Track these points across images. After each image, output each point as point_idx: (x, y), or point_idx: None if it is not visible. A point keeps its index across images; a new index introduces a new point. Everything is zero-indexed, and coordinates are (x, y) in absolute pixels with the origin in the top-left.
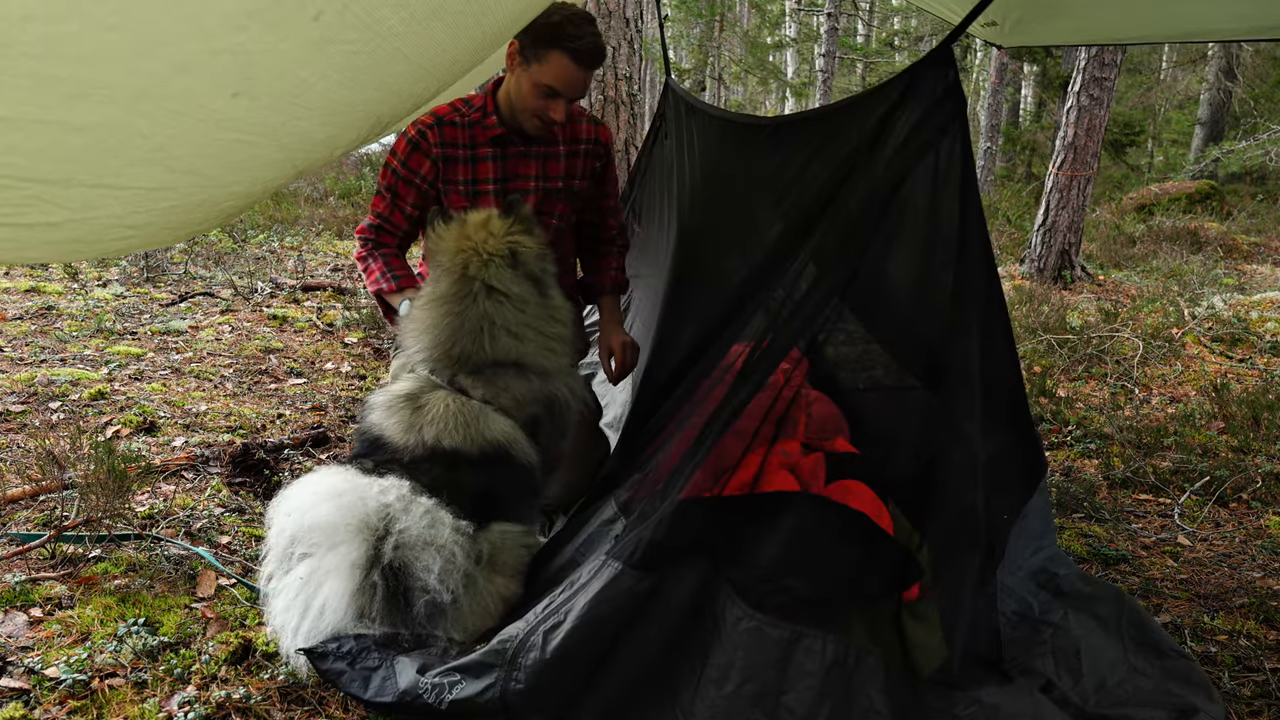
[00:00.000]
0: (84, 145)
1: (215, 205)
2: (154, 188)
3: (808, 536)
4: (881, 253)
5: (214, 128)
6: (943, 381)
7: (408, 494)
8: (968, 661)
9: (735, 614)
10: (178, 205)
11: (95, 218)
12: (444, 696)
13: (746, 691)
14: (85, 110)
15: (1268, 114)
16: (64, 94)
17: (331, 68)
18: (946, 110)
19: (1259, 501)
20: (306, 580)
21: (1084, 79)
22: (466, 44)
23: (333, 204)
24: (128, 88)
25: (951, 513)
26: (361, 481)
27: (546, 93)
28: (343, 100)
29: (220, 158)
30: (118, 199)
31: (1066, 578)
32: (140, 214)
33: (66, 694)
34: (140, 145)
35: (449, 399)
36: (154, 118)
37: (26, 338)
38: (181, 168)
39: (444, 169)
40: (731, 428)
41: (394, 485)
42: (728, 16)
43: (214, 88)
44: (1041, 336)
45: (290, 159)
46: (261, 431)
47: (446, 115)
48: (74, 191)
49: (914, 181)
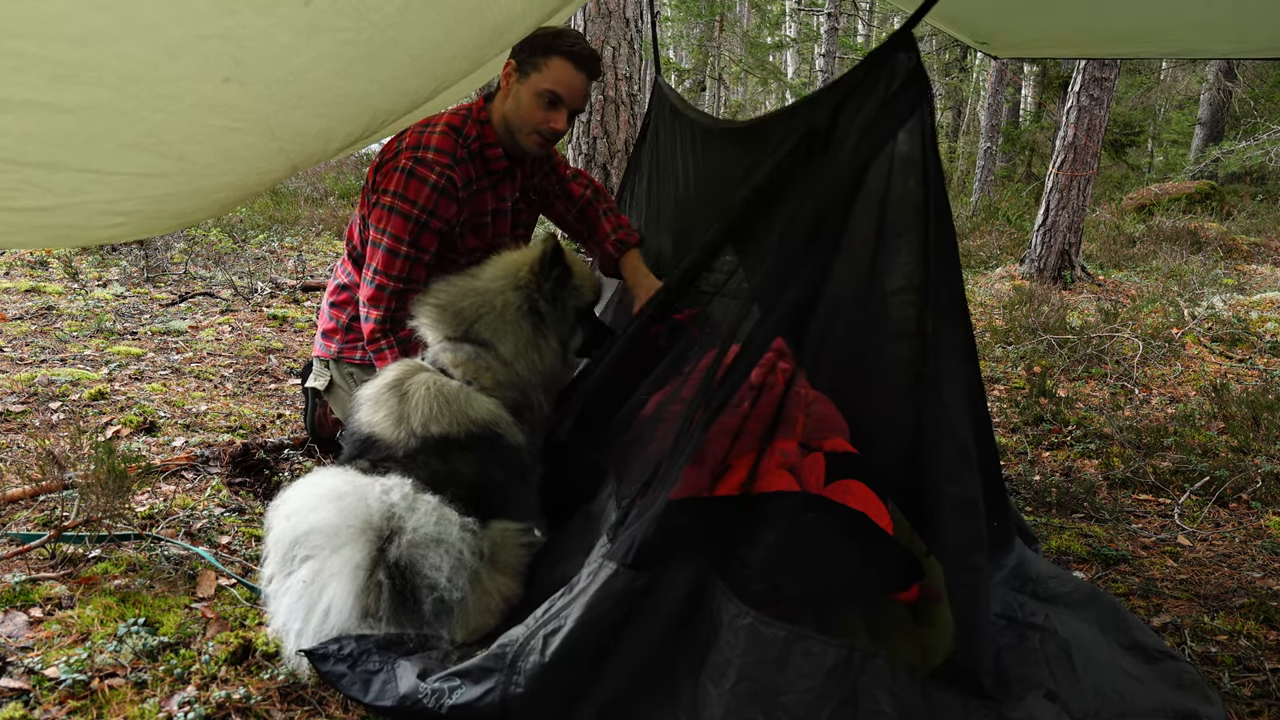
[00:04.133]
0: (73, 128)
1: (208, 195)
2: (145, 174)
3: (806, 536)
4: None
5: (205, 114)
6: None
7: (411, 492)
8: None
9: (732, 611)
10: (169, 193)
11: (85, 203)
12: (444, 701)
13: (743, 689)
14: (74, 92)
15: (1268, 114)
16: (52, 75)
17: (324, 55)
18: (908, 97)
19: (1259, 501)
20: (310, 583)
21: (1084, 79)
22: (464, 40)
23: (332, 204)
24: (117, 70)
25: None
26: (362, 482)
27: (548, 100)
28: (337, 91)
29: (211, 145)
30: (108, 184)
31: (1040, 578)
32: (131, 201)
33: (66, 694)
34: (130, 130)
35: (430, 381)
36: (144, 102)
37: (27, 338)
38: (172, 154)
39: (464, 208)
40: (717, 422)
41: (397, 484)
42: (728, 16)
43: (204, 73)
44: (1041, 336)
45: (283, 150)
46: (261, 431)
47: (455, 152)
48: (63, 176)
49: (874, 172)
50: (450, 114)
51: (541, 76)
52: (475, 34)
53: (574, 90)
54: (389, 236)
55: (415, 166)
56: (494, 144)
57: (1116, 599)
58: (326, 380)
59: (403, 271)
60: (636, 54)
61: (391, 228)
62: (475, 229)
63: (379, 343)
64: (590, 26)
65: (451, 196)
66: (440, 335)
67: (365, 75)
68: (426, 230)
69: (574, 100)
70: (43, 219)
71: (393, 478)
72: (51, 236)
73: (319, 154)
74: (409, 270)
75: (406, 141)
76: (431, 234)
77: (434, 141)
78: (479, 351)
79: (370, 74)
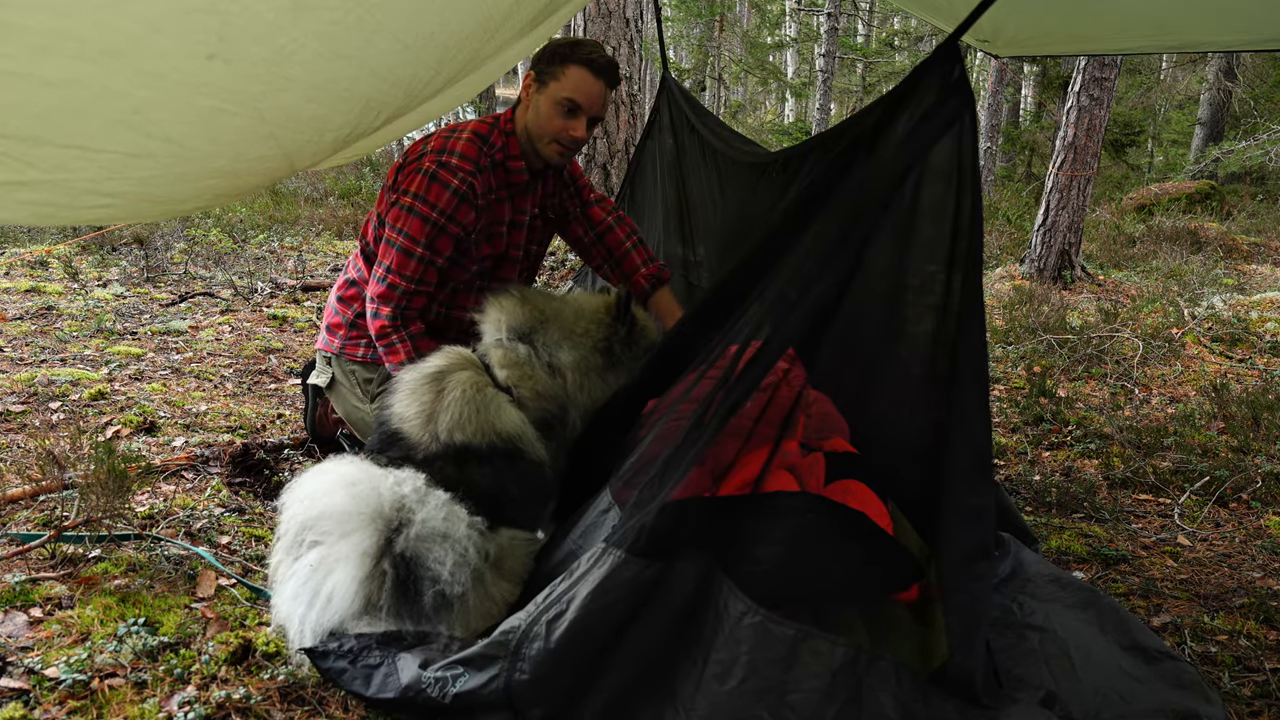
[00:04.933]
0: (55, 102)
1: (197, 181)
2: (130, 153)
3: (807, 536)
4: (881, 249)
5: (191, 92)
6: (952, 378)
7: (423, 486)
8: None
9: (739, 608)
10: (155, 175)
11: (68, 180)
12: (448, 690)
13: (750, 688)
14: (55, 65)
15: (1268, 114)
16: (32, 45)
17: (311, 35)
18: (950, 108)
19: (1259, 501)
20: (316, 567)
21: (1084, 79)
22: (458, 29)
23: (332, 204)
24: (98, 43)
25: (957, 517)
26: (376, 472)
27: (567, 109)
28: (326, 75)
29: (199, 126)
30: (93, 162)
31: (1039, 578)
32: (115, 180)
33: (66, 694)
34: (114, 106)
35: (469, 382)
36: (127, 77)
37: (26, 338)
38: (159, 134)
39: (482, 215)
40: (728, 426)
41: (409, 477)
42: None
43: (189, 48)
44: (1041, 336)
45: (274, 135)
46: (261, 431)
47: (479, 159)
48: (45, 150)
49: (913, 180)
50: (478, 122)
51: (560, 85)
52: (469, 26)
53: (592, 97)
54: (405, 237)
55: (438, 170)
56: (517, 156)
57: (1116, 599)
58: (329, 377)
59: (416, 272)
60: (636, 54)
61: (409, 228)
62: (490, 238)
63: (390, 337)
64: (590, 26)
65: (471, 203)
66: (498, 331)
67: (355, 59)
68: (443, 234)
69: (592, 108)
70: (23, 194)
71: (406, 470)
72: (34, 214)
73: (314, 144)
74: (422, 272)
75: (432, 145)
76: (448, 238)
77: (459, 147)
78: (531, 355)
79: (360, 58)
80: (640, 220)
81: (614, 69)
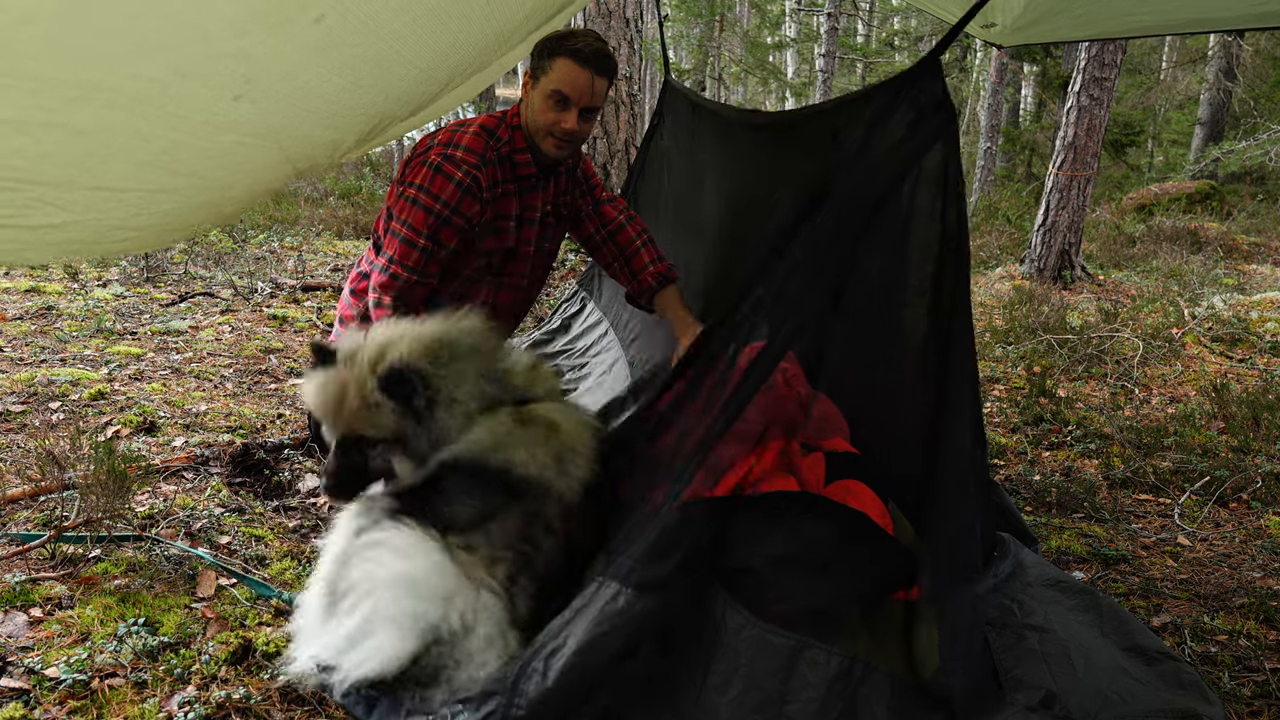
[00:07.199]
0: (87, 149)
1: (214, 207)
2: (155, 190)
3: (808, 537)
4: (881, 250)
5: (216, 131)
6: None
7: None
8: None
9: (737, 620)
10: (178, 207)
11: (97, 220)
12: None
13: (749, 700)
14: (88, 114)
15: (1268, 114)
16: (66, 97)
17: (334, 71)
18: (932, 125)
19: (1259, 501)
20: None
21: (1084, 79)
22: (470, 49)
23: (332, 204)
24: (129, 91)
25: (946, 533)
26: (451, 571)
27: (556, 102)
28: (345, 104)
29: (221, 160)
30: (120, 202)
31: (1038, 579)
32: (142, 216)
33: (66, 694)
34: (142, 149)
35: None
36: (156, 121)
37: (26, 338)
38: (183, 170)
39: (487, 208)
40: (730, 430)
41: (478, 600)
42: (728, 16)
43: (215, 92)
44: (1041, 336)
45: (289, 160)
46: (261, 431)
47: (485, 153)
48: (77, 194)
49: (897, 193)
50: (486, 116)
51: (549, 79)
52: (481, 42)
53: (580, 87)
54: (408, 228)
55: (443, 163)
56: (523, 150)
57: (1116, 599)
58: None
59: (418, 263)
60: (636, 54)
61: (412, 219)
62: (496, 232)
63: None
64: (590, 26)
65: (475, 196)
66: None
67: (374, 87)
68: (447, 225)
69: (582, 98)
70: (54, 236)
71: (485, 594)
72: (62, 252)
73: (326, 162)
74: (425, 263)
75: (439, 138)
76: (452, 230)
77: (465, 141)
78: None
79: (379, 86)
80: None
81: (602, 57)
